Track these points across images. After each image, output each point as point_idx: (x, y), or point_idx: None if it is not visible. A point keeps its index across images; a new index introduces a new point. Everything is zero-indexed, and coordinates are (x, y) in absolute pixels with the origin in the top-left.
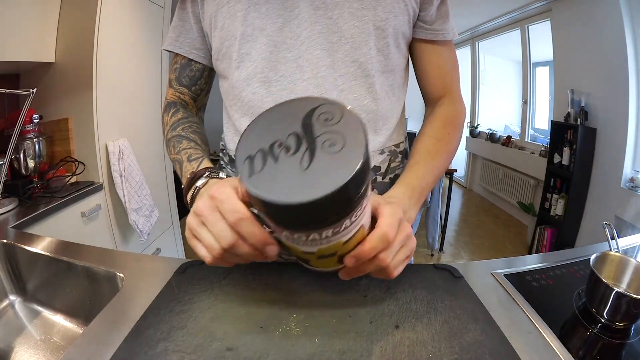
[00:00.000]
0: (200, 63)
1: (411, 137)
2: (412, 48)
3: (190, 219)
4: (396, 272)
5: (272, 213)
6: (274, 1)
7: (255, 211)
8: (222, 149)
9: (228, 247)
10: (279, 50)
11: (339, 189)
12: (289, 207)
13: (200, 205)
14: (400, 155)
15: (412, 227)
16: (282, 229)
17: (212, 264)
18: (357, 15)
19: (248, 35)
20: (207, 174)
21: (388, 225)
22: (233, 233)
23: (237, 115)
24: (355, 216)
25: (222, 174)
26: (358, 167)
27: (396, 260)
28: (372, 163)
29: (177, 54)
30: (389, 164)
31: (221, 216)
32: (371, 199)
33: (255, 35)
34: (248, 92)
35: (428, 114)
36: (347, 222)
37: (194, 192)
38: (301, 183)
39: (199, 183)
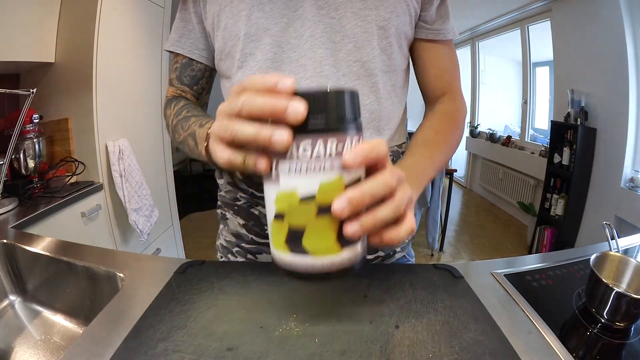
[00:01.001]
0: (202, 63)
1: (411, 137)
2: (412, 48)
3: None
4: (409, 216)
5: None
6: (277, 1)
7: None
8: None
9: (242, 104)
10: (283, 50)
11: (347, 90)
12: (309, 91)
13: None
14: (402, 156)
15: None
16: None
17: (227, 161)
18: (360, 15)
19: (252, 35)
20: None
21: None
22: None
23: None
24: (359, 129)
25: None
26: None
27: (401, 197)
28: None
29: (177, 54)
30: None
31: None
32: None
33: (260, 35)
34: None
35: (428, 111)
36: (349, 142)
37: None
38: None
39: None
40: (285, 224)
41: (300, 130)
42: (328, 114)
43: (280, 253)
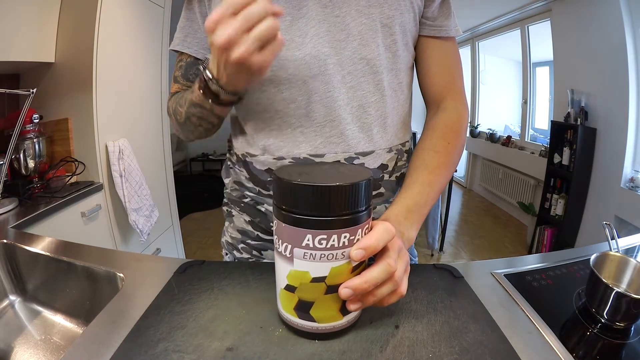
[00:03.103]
0: None
1: (414, 151)
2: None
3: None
4: (404, 285)
5: (310, 199)
6: (281, 0)
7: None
8: (229, 150)
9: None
10: (288, 48)
11: (364, 181)
12: (326, 188)
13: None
14: (406, 155)
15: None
16: (310, 228)
17: (224, 40)
18: (364, 13)
19: None
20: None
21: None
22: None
23: (242, 114)
24: (365, 234)
25: None
26: (371, 175)
27: (400, 271)
28: (380, 161)
29: (182, 53)
30: (395, 163)
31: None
32: None
33: None
34: (256, 91)
35: (428, 120)
36: (360, 233)
37: (205, 71)
38: (333, 179)
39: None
40: (295, 296)
41: (316, 224)
42: (343, 211)
43: (289, 316)
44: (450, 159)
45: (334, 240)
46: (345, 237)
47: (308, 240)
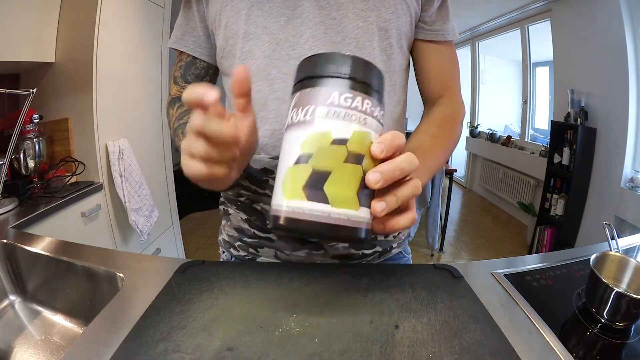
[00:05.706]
0: (205, 61)
1: (407, 139)
2: (412, 48)
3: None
4: (414, 209)
5: (338, 60)
6: (277, 0)
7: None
8: None
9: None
10: (282, 48)
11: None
12: (355, 57)
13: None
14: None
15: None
16: (336, 88)
17: (205, 173)
18: (361, 16)
19: (251, 34)
20: None
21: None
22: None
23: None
24: (382, 110)
25: None
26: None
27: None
28: None
29: (181, 52)
30: None
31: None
32: None
33: (258, 33)
34: (252, 90)
35: (425, 113)
36: (380, 109)
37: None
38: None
39: None
40: (309, 168)
41: (342, 84)
42: (370, 81)
43: (295, 202)
44: (445, 145)
45: (358, 102)
46: (367, 104)
47: (334, 97)
